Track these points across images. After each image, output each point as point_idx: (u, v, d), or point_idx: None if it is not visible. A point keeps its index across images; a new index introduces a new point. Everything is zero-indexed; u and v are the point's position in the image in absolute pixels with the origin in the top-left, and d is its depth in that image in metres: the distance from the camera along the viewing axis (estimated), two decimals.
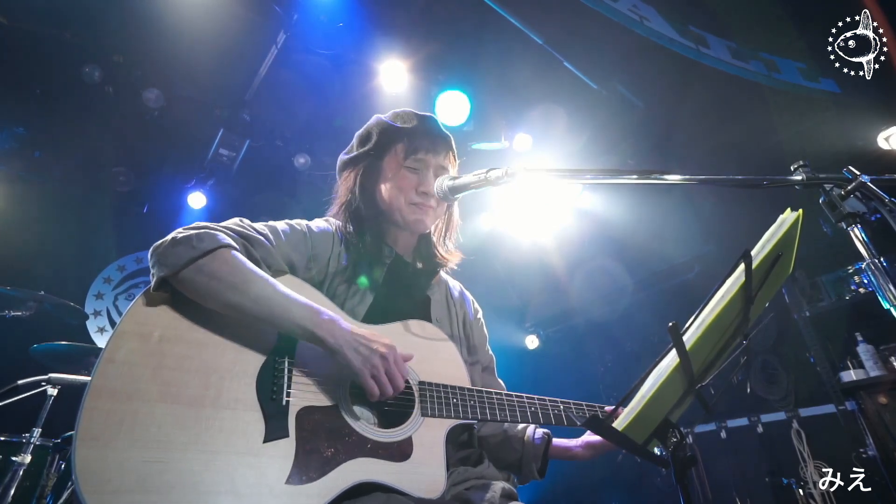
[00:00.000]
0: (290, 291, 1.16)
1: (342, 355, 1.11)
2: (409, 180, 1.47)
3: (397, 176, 1.48)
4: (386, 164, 1.51)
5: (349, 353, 1.11)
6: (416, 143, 1.49)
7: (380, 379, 1.12)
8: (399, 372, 1.16)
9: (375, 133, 1.54)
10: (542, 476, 1.53)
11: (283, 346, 1.18)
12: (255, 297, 1.11)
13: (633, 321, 5.51)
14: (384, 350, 1.15)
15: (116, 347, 1.03)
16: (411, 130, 1.51)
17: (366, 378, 1.11)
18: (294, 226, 1.42)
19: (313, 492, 1.02)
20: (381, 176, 1.51)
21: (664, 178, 1.08)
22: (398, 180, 1.48)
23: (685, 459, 0.92)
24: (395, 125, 1.53)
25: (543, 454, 1.53)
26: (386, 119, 1.56)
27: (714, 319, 0.88)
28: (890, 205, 0.90)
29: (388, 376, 1.13)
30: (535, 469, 1.52)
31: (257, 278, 1.14)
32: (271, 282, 1.15)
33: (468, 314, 1.68)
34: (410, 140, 1.49)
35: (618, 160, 4.86)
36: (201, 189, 5.15)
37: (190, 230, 1.16)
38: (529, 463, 1.52)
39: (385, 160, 1.52)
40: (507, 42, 4.04)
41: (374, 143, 1.53)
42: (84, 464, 0.90)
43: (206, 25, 3.70)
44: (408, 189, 1.47)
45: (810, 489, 3.35)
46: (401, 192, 1.47)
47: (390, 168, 1.50)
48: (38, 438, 2.53)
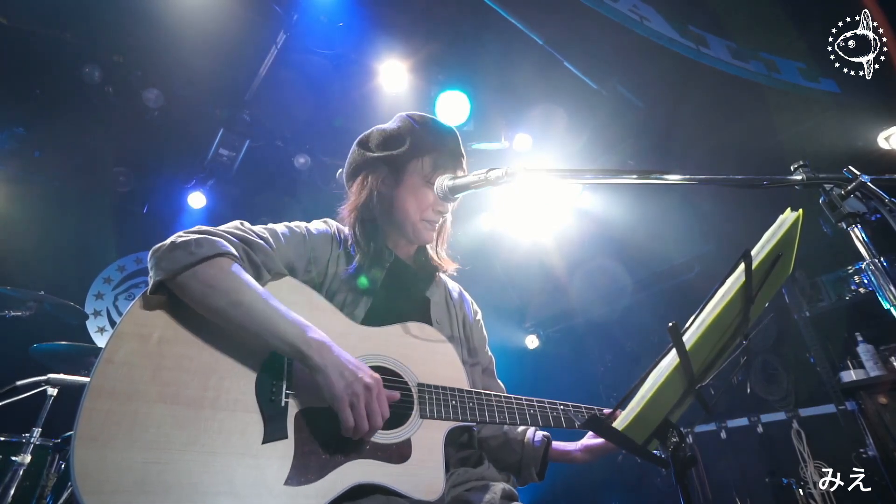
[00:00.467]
0: (283, 307, 1.13)
1: (325, 376, 1.06)
2: (430, 198, 1.46)
3: (419, 190, 1.47)
4: (409, 174, 1.49)
5: (332, 375, 1.06)
6: (444, 160, 1.49)
7: (358, 410, 1.05)
8: (380, 409, 1.08)
9: (408, 140, 1.50)
10: (542, 478, 1.53)
11: None
12: (245, 308, 1.09)
13: (633, 321, 5.51)
14: (370, 381, 1.09)
15: (116, 348, 1.03)
16: (441, 147, 1.50)
17: (343, 405, 1.05)
18: (293, 228, 1.42)
19: (312, 493, 1.02)
20: (401, 184, 1.49)
21: (664, 178, 1.08)
22: (418, 196, 1.47)
23: (685, 459, 0.92)
24: (429, 137, 1.51)
25: (543, 457, 1.53)
26: (419, 127, 1.52)
27: (714, 319, 0.88)
28: (890, 205, 0.90)
29: (368, 410, 1.07)
30: (535, 472, 1.52)
31: (250, 290, 1.12)
32: (264, 295, 1.13)
33: (468, 316, 1.68)
34: (439, 155, 1.49)
35: (618, 160, 4.86)
36: (201, 189, 5.15)
37: (190, 235, 1.16)
38: (529, 465, 1.52)
39: (409, 169, 1.49)
40: (507, 42, 4.04)
41: (406, 149, 1.49)
42: (83, 465, 0.89)
43: (206, 25, 3.70)
44: (425, 207, 1.47)
45: (810, 489, 3.35)
46: (418, 209, 1.47)
47: (412, 179, 1.48)
48: (38, 438, 2.53)
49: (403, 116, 1.57)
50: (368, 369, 1.13)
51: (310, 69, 4.18)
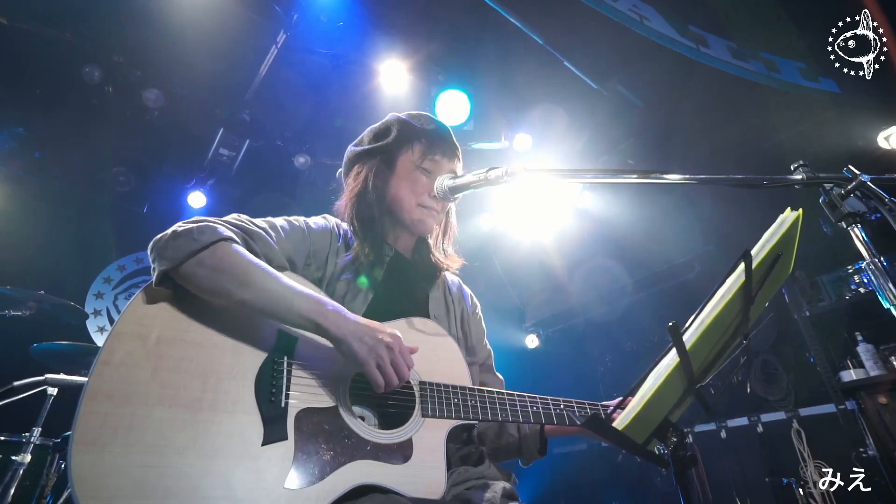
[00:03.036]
0: (293, 283, 1.15)
1: (346, 345, 1.10)
2: (423, 183, 1.48)
3: (411, 176, 1.49)
4: (400, 162, 1.51)
5: (354, 343, 1.10)
6: (434, 145, 1.50)
7: (385, 369, 1.11)
8: (405, 362, 1.14)
9: (395, 129, 1.54)
10: (544, 454, 1.56)
11: (282, 345, 1.17)
12: (258, 289, 1.10)
13: (633, 321, 5.51)
14: (389, 340, 1.13)
15: (113, 349, 1.02)
16: (430, 132, 1.52)
17: (371, 368, 1.10)
18: (293, 222, 1.42)
19: (312, 495, 1.01)
20: (394, 173, 1.51)
21: (664, 178, 1.08)
22: (411, 181, 1.48)
23: (685, 459, 0.92)
24: (415, 124, 1.53)
25: (540, 433, 1.55)
26: (404, 118, 1.57)
27: (714, 319, 0.88)
28: (890, 204, 0.90)
29: (394, 366, 1.12)
30: (535, 449, 1.54)
31: (260, 271, 1.13)
32: (274, 274, 1.14)
33: (466, 309, 1.68)
34: (429, 141, 1.51)
35: (618, 160, 4.86)
36: (201, 189, 5.15)
37: (190, 223, 1.16)
38: (529, 444, 1.55)
39: (400, 157, 1.52)
40: (507, 42, 4.04)
41: (394, 137, 1.52)
42: (81, 469, 0.89)
43: (206, 25, 3.70)
44: (420, 191, 1.47)
45: (810, 489, 3.35)
46: (413, 193, 1.48)
47: (404, 166, 1.50)
48: (37, 438, 2.53)
49: (393, 114, 1.61)
50: (385, 328, 1.16)
51: (310, 69, 4.18)
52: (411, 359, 1.18)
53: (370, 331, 1.13)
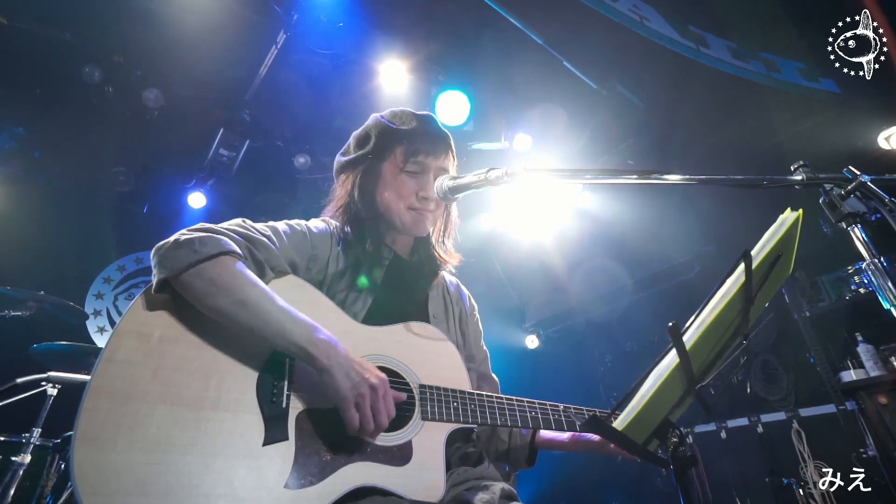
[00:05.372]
0: (289, 306, 1.12)
1: (331, 376, 1.06)
2: (409, 186, 1.45)
3: (396, 181, 1.46)
4: (385, 168, 1.48)
5: (339, 376, 1.06)
6: (416, 145, 1.46)
7: (363, 410, 1.06)
8: (385, 409, 1.09)
9: (374, 135, 1.51)
10: (531, 465, 1.56)
11: None
12: (250, 307, 1.08)
13: (633, 321, 5.51)
14: (376, 382, 1.09)
15: (116, 347, 1.02)
16: (410, 132, 1.48)
17: (349, 405, 1.05)
18: (294, 226, 1.41)
19: (312, 495, 1.02)
20: (379, 180, 1.48)
21: (664, 178, 1.07)
22: (397, 185, 1.46)
23: (685, 459, 0.92)
24: (393, 126, 1.50)
25: (530, 444, 1.56)
26: (384, 120, 1.53)
27: (714, 319, 0.88)
28: (890, 205, 0.89)
29: (374, 410, 1.07)
30: (523, 458, 1.55)
31: (255, 289, 1.12)
32: (269, 294, 1.12)
33: (464, 309, 1.68)
34: (410, 143, 1.46)
35: (618, 160, 4.86)
36: (201, 189, 5.15)
37: (194, 232, 1.15)
38: (517, 453, 1.56)
39: (384, 163, 1.48)
40: (507, 42, 4.04)
41: (373, 145, 1.50)
42: (82, 465, 0.89)
43: (206, 25, 3.70)
44: (407, 195, 1.45)
45: (810, 489, 3.35)
46: (400, 198, 1.45)
47: (389, 172, 1.47)
48: (37, 438, 2.53)
49: (374, 116, 1.57)
50: (375, 369, 1.13)
51: (310, 69, 4.18)
52: (393, 408, 1.11)
53: (358, 368, 1.09)
